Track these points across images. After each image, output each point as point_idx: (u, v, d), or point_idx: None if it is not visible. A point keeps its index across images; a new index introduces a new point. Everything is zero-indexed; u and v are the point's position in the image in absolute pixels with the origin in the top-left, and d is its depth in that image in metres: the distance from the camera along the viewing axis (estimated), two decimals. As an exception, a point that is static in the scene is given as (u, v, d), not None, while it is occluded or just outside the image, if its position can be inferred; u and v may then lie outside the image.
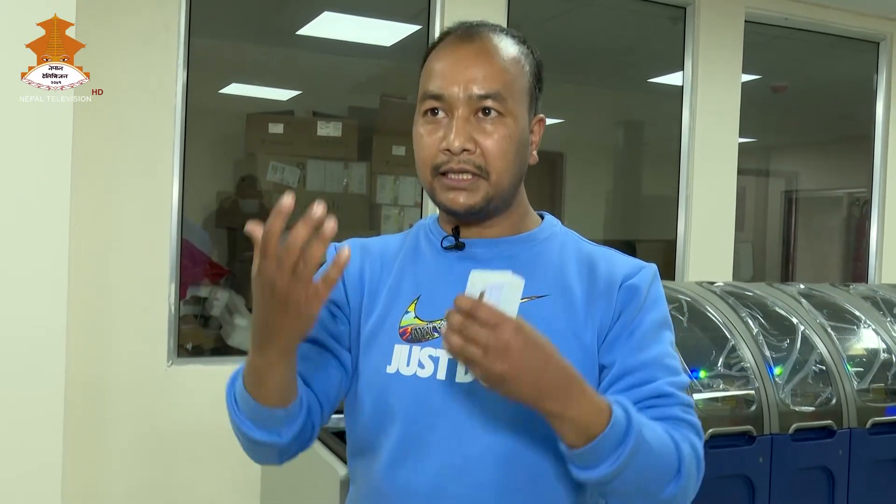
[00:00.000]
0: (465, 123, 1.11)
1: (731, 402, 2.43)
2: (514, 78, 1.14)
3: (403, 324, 1.15)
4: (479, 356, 0.92)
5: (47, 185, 2.58)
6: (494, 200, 1.14)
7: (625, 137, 5.81)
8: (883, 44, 4.83)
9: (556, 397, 0.95)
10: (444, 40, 1.18)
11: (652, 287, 1.17)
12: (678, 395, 1.11)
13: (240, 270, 4.17)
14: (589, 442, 0.97)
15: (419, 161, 1.16)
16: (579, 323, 1.13)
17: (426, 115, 1.15)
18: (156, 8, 3.18)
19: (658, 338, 1.14)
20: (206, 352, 3.78)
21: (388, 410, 1.13)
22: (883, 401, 2.62)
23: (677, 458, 1.05)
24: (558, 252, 1.20)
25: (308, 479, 2.42)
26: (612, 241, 5.11)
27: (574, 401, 0.96)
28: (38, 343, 2.57)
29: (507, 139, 1.12)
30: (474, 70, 1.12)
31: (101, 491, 3.12)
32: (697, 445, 1.10)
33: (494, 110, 1.11)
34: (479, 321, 0.91)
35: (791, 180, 6.83)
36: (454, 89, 1.11)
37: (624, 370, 1.11)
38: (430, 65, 1.17)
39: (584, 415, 0.96)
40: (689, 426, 1.10)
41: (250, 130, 4.12)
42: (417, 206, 4.06)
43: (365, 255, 1.23)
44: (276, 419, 1.06)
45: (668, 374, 1.12)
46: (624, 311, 1.14)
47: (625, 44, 5.03)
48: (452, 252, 1.19)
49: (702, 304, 2.69)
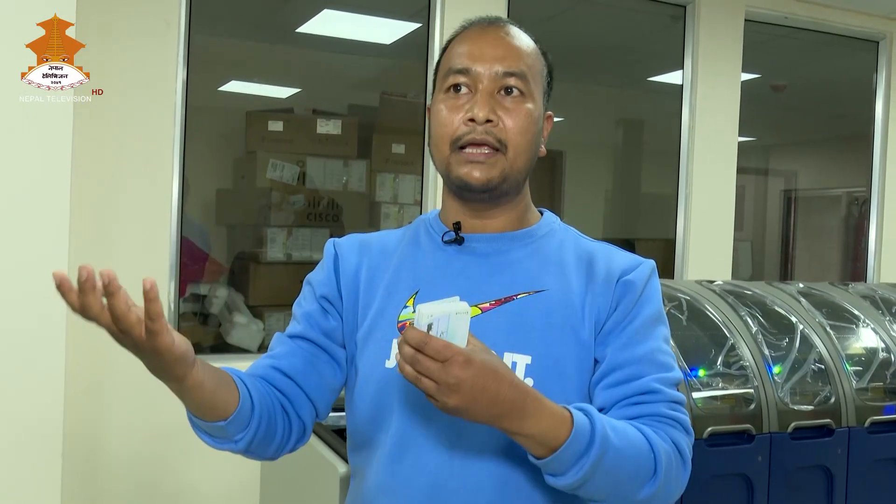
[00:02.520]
0: (489, 97, 1.14)
1: (730, 400, 2.43)
2: (534, 64, 1.18)
3: (402, 318, 1.16)
4: (432, 389, 0.94)
5: (47, 184, 2.58)
6: (509, 179, 1.16)
7: (624, 136, 5.81)
8: (882, 43, 4.83)
9: (511, 417, 0.97)
10: (467, 28, 1.21)
11: (648, 283, 1.18)
12: (665, 391, 1.12)
13: (239, 268, 4.17)
14: (552, 452, 0.98)
15: (437, 136, 1.17)
16: (576, 318, 1.14)
17: (448, 91, 1.17)
18: (156, 4, 3.18)
19: (651, 333, 1.15)
20: (205, 349, 3.79)
21: (387, 404, 1.14)
22: (882, 400, 2.62)
23: (652, 459, 1.05)
24: (557, 248, 1.21)
25: (308, 476, 2.42)
26: (612, 239, 5.09)
27: (530, 417, 0.98)
28: (38, 342, 2.57)
29: (527, 117, 1.15)
30: (500, 50, 1.16)
31: (100, 490, 3.13)
32: (682, 442, 1.11)
33: (517, 89, 1.15)
34: (428, 357, 0.92)
35: (790, 179, 6.84)
36: (480, 65, 1.15)
37: (613, 365, 1.13)
38: (453, 48, 1.20)
39: (543, 429, 0.98)
40: (674, 423, 1.11)
41: (250, 128, 4.12)
42: (417, 204, 4.06)
43: (363, 252, 1.24)
44: (222, 430, 1.08)
45: (656, 371, 1.13)
46: (619, 306, 1.15)
47: (625, 42, 5.03)
48: (452, 246, 1.20)
49: (701, 303, 2.69)
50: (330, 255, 1.25)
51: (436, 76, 1.23)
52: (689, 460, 1.12)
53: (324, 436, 2.38)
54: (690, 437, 1.13)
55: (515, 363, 1.12)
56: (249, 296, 4.01)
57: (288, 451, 1.19)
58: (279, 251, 4.07)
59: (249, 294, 4.02)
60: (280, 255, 4.06)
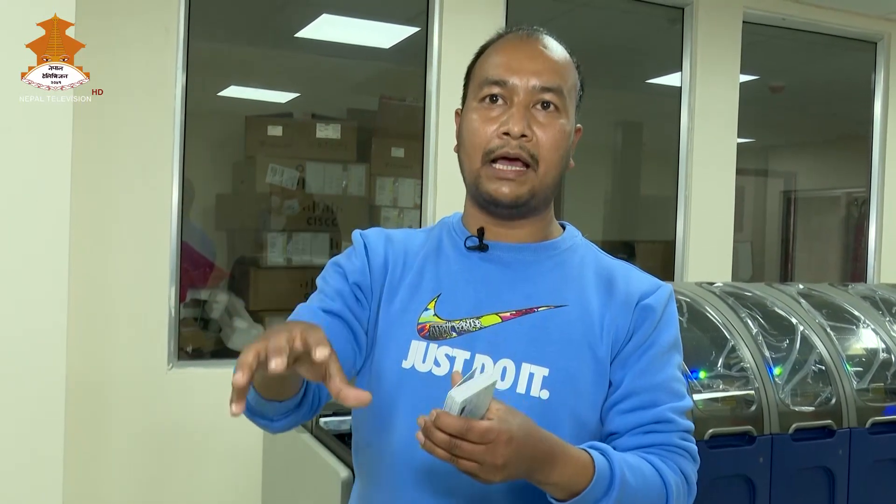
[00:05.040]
0: (525, 111, 1.14)
1: (730, 402, 2.43)
2: (569, 78, 1.19)
3: (422, 320, 1.16)
4: (473, 469, 0.94)
5: (47, 185, 2.58)
6: (538, 196, 1.16)
7: (623, 138, 5.81)
8: (880, 44, 4.84)
9: (543, 470, 1.00)
10: (503, 37, 1.21)
11: (667, 308, 1.20)
12: (678, 421, 1.15)
13: (239, 273, 4.17)
14: (573, 497, 1.01)
15: (469, 145, 1.17)
16: (594, 336, 1.16)
17: (483, 101, 1.16)
18: (155, 10, 3.18)
19: (667, 361, 1.17)
20: (206, 354, 3.78)
21: (400, 405, 1.14)
22: (882, 400, 2.62)
23: (665, 495, 1.10)
24: (578, 263, 1.22)
25: (309, 480, 2.42)
26: (611, 241, 5.11)
27: (557, 467, 1.00)
28: (39, 346, 2.57)
29: (560, 134, 1.16)
30: (537, 63, 1.16)
31: (101, 493, 3.12)
32: (689, 471, 1.15)
33: (552, 104, 1.15)
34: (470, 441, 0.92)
35: (789, 180, 6.84)
36: (517, 78, 1.14)
37: (630, 391, 1.14)
38: (488, 57, 1.19)
39: (568, 477, 1.01)
40: (683, 453, 1.15)
41: (249, 133, 4.12)
42: (417, 208, 4.06)
43: (389, 244, 1.24)
44: (272, 408, 1.08)
45: (671, 399, 1.16)
46: (637, 331, 1.17)
47: (623, 44, 5.03)
48: (475, 252, 1.20)
49: (701, 305, 2.69)
50: (361, 245, 1.23)
51: (467, 81, 1.22)
52: (695, 485, 1.16)
53: (325, 440, 2.39)
54: (697, 464, 1.17)
55: (533, 374, 1.12)
56: (250, 300, 4.02)
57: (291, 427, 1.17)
58: (279, 256, 4.07)
59: (250, 299, 4.02)
60: (280, 260, 4.06)
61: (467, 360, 1.13)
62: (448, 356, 1.13)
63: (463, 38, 3.53)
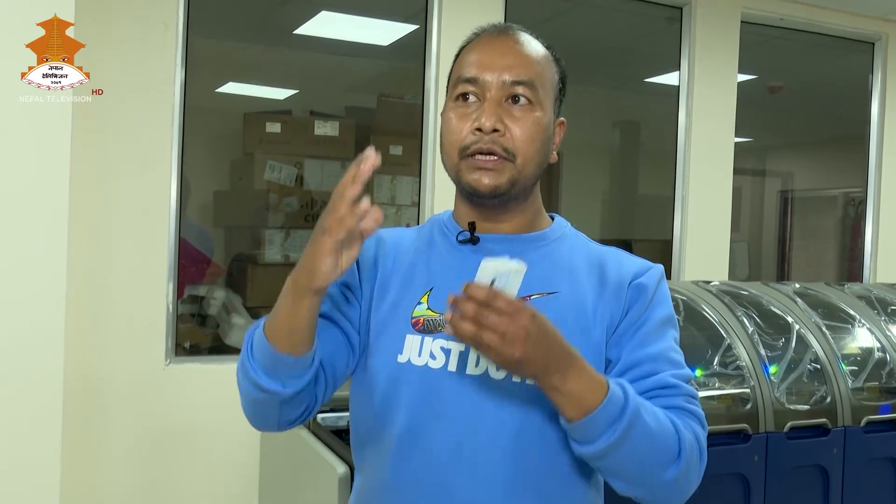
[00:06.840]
0: (496, 106, 1.15)
1: (726, 400, 2.45)
2: (544, 72, 1.19)
3: (416, 314, 1.17)
4: (496, 342, 0.96)
5: (46, 184, 2.59)
6: (518, 185, 1.17)
7: (621, 137, 5.82)
8: (878, 44, 4.85)
9: (560, 371, 1.01)
10: (479, 36, 1.23)
11: (659, 287, 1.21)
12: (682, 386, 1.15)
13: (237, 269, 4.17)
14: (586, 415, 1.01)
15: (447, 144, 1.19)
16: (588, 320, 1.17)
17: (458, 99, 1.18)
18: (154, 8, 3.18)
19: (663, 335, 1.18)
20: (203, 351, 3.79)
21: (398, 399, 1.15)
22: (877, 399, 2.64)
23: (677, 441, 1.08)
24: (568, 251, 1.24)
25: (307, 477, 2.43)
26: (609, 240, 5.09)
27: (574, 375, 1.02)
28: (37, 342, 2.58)
29: (534, 126, 1.16)
30: (508, 59, 1.17)
31: (99, 489, 3.13)
32: (700, 435, 1.13)
33: (525, 97, 1.16)
34: (495, 310, 0.95)
35: (787, 180, 6.85)
36: (488, 74, 1.16)
37: (629, 364, 1.15)
38: (464, 56, 1.21)
39: (582, 389, 1.02)
40: (692, 416, 1.14)
41: (248, 130, 4.12)
42: (414, 206, 4.06)
43: (379, 244, 1.25)
44: (286, 365, 1.08)
45: (672, 367, 1.16)
46: (631, 309, 1.18)
47: (621, 44, 5.04)
48: (466, 246, 1.21)
49: (698, 304, 2.70)
50: None
51: (448, 83, 1.24)
52: (706, 451, 1.15)
53: (323, 436, 2.39)
54: (706, 430, 1.16)
55: None
56: (247, 297, 4.02)
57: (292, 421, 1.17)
58: (277, 252, 4.07)
59: (247, 295, 4.02)
60: (278, 257, 4.07)
61: (462, 352, 1.13)
62: (443, 349, 1.14)
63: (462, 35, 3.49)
